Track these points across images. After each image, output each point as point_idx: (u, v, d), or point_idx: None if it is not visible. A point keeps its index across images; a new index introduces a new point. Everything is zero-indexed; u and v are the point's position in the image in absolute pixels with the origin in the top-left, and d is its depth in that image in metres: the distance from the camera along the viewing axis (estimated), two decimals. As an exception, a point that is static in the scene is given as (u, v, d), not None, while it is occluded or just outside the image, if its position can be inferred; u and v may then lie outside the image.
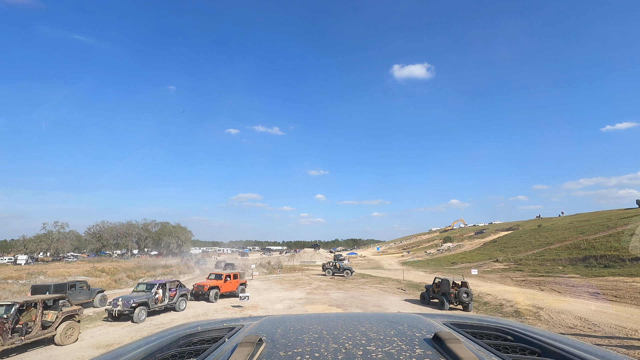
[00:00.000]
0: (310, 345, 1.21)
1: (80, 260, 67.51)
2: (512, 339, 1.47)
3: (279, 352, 1.16)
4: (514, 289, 22.58)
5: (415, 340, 1.25)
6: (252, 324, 1.61)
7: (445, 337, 1.15)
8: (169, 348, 1.43)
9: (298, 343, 1.25)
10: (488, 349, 1.25)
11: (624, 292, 18.54)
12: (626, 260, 27.41)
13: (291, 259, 65.27)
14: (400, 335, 1.32)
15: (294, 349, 1.19)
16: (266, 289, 25.54)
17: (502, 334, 1.53)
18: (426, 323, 1.54)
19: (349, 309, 16.81)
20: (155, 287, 15.60)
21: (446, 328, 1.48)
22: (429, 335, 1.29)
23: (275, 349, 1.18)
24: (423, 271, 41.48)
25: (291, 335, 1.37)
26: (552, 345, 1.29)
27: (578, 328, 12.60)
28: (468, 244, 66.79)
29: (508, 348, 1.35)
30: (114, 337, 11.91)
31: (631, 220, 40.63)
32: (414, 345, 1.18)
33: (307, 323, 1.59)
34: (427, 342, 1.22)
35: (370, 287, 26.54)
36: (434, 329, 1.36)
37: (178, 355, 1.35)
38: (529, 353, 1.31)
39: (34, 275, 35.97)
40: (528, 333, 1.47)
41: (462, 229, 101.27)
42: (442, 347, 1.12)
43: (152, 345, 1.43)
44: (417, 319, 1.64)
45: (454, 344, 1.09)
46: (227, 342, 1.36)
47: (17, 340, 9.65)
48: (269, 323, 1.61)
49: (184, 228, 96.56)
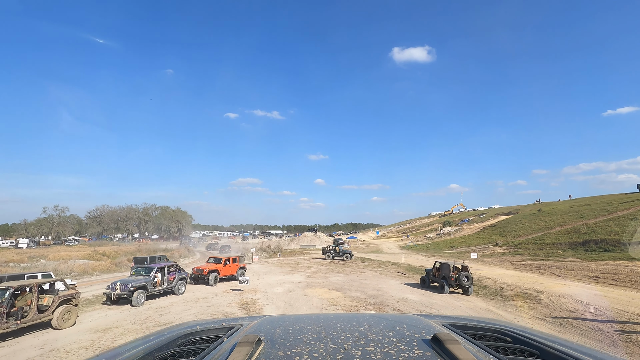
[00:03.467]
0: (309, 346, 1.21)
1: (81, 243, 67.94)
2: (510, 340, 1.46)
3: (278, 352, 1.16)
4: (513, 273, 22.58)
5: (414, 341, 1.25)
6: (250, 324, 1.61)
7: (444, 338, 1.16)
8: (167, 347, 1.42)
9: (297, 343, 1.25)
10: (487, 350, 1.25)
11: (625, 276, 18.49)
12: (626, 244, 27.36)
13: (291, 243, 65.61)
14: (399, 336, 1.32)
15: (292, 349, 1.19)
16: (266, 273, 25.59)
17: (500, 336, 1.52)
18: (425, 324, 1.54)
19: (348, 293, 16.78)
20: (153, 270, 15.50)
21: (445, 329, 1.48)
22: (427, 336, 1.28)
23: (274, 349, 1.18)
24: (422, 255, 41.65)
25: (290, 335, 1.37)
26: (551, 347, 1.28)
27: (579, 312, 12.53)
28: (467, 228, 66.98)
29: (507, 349, 1.34)
30: (113, 320, 11.84)
31: (632, 204, 40.53)
32: (412, 346, 1.18)
33: (306, 323, 1.59)
34: (425, 343, 1.22)
35: (369, 271, 26.60)
36: (432, 330, 1.36)
37: (177, 354, 1.34)
38: (528, 355, 1.30)
39: (36, 259, 36.14)
40: (527, 335, 1.46)
41: (462, 214, 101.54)
42: (441, 348, 1.12)
43: (151, 344, 1.43)
44: (416, 320, 1.64)
45: (452, 345, 1.09)
46: (225, 342, 1.37)
47: (13, 325, 9.54)
48: (267, 323, 1.61)
49: (184, 212, 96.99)
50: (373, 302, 14.60)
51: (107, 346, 9.04)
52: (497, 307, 13.91)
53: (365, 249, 57.03)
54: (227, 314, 12.44)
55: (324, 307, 13.58)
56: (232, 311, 12.98)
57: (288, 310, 13.10)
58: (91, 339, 9.77)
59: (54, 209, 78.97)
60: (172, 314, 12.62)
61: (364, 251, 50.96)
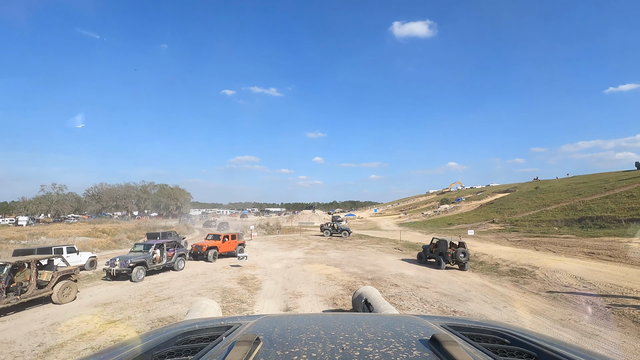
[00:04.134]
0: (307, 345, 1.22)
1: (80, 221, 68.24)
2: (508, 342, 1.46)
3: (276, 351, 1.16)
4: (509, 249, 22.88)
5: (412, 341, 1.25)
6: (249, 323, 1.61)
7: (442, 339, 1.16)
8: (166, 346, 1.42)
9: (295, 343, 1.26)
10: (485, 351, 1.26)
11: (619, 252, 18.73)
12: (622, 221, 27.63)
13: (290, 220, 66.13)
14: (398, 336, 1.32)
15: (291, 348, 1.19)
16: (265, 249, 25.84)
17: (499, 337, 1.51)
18: (424, 325, 1.54)
19: (346, 268, 16.98)
20: (152, 247, 15.57)
21: (444, 330, 1.47)
22: (426, 337, 1.28)
23: (272, 349, 1.19)
24: (420, 232, 42.10)
25: (288, 335, 1.37)
26: (549, 349, 1.29)
27: (573, 287, 12.72)
28: (465, 206, 67.47)
29: (505, 351, 1.34)
30: (113, 295, 11.96)
31: (630, 182, 40.63)
32: (411, 347, 1.18)
33: (304, 323, 1.59)
34: (424, 343, 1.22)
35: (367, 247, 26.90)
36: (431, 331, 1.35)
37: (175, 352, 1.35)
38: (526, 356, 1.30)
39: (36, 236, 36.36)
40: (525, 336, 1.46)
41: (460, 191, 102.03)
42: (439, 349, 1.12)
43: (149, 342, 1.44)
44: (414, 321, 1.65)
45: (451, 346, 1.09)
46: (224, 341, 1.37)
47: (13, 300, 9.61)
48: (266, 322, 1.62)
49: (182, 190, 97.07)
50: (370, 277, 14.79)
51: (108, 320, 9.15)
52: (493, 282, 14.12)
53: (363, 226, 57.58)
54: (226, 289, 12.58)
55: (322, 282, 13.75)
56: (232, 286, 13.13)
57: (286, 285, 13.26)
58: (92, 313, 9.87)
59: (52, 186, 78.90)
60: (171, 289, 12.75)
61: (362, 228, 51.46)
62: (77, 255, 17.61)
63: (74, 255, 17.39)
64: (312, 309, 10.12)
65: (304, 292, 12.25)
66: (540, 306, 10.56)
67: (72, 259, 16.81)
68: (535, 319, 9.32)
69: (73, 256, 17.17)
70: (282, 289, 12.72)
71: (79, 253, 17.84)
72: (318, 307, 10.33)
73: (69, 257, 16.56)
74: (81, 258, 17.69)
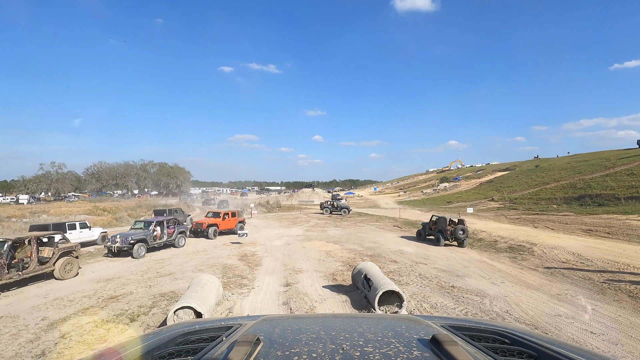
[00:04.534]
0: (307, 346, 1.22)
1: (81, 200, 68.56)
2: (509, 342, 1.46)
3: (277, 352, 1.16)
4: (508, 226, 23.02)
5: (412, 342, 1.25)
6: (249, 324, 1.61)
7: (442, 339, 1.16)
8: (166, 346, 1.42)
9: (295, 343, 1.26)
10: (485, 351, 1.26)
11: (617, 229, 18.84)
12: (621, 199, 27.69)
13: (290, 199, 66.38)
14: (398, 336, 1.32)
15: (291, 349, 1.19)
16: (265, 227, 26.02)
17: (499, 337, 1.51)
18: (424, 325, 1.53)
19: (346, 245, 17.11)
20: (152, 224, 15.61)
21: (444, 330, 1.47)
22: (426, 337, 1.28)
23: (273, 349, 1.19)
24: (419, 210, 42.33)
25: (289, 335, 1.37)
26: (549, 348, 1.29)
27: (571, 263, 12.84)
28: (464, 184, 67.58)
29: (505, 351, 1.34)
30: (115, 271, 12.07)
31: (631, 160, 40.45)
32: (411, 347, 1.19)
33: (304, 323, 1.60)
34: (424, 344, 1.22)
35: (367, 225, 27.08)
36: (431, 331, 1.35)
37: (175, 353, 1.34)
38: (527, 357, 1.30)
39: (37, 214, 36.59)
40: (525, 336, 1.46)
41: (460, 170, 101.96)
42: (440, 350, 1.12)
43: (149, 343, 1.44)
44: (415, 321, 1.65)
45: (451, 347, 1.09)
46: (224, 341, 1.37)
47: (15, 275, 9.69)
48: (266, 323, 1.62)
49: (182, 168, 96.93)
50: (370, 254, 14.92)
51: (110, 295, 9.25)
52: (491, 259, 14.26)
53: (362, 204, 57.85)
54: (227, 266, 12.70)
55: (322, 259, 13.88)
56: (232, 263, 13.25)
57: (286, 262, 13.39)
58: (94, 288, 9.98)
59: (51, 165, 78.74)
60: (172, 265, 12.87)
61: (361, 206, 51.73)
62: (89, 231, 18.30)
63: (86, 230, 18.11)
64: (312, 284, 10.23)
65: (304, 268, 12.37)
66: (538, 281, 10.68)
67: (85, 234, 17.81)
68: (532, 293, 9.43)
69: (85, 231, 17.96)
70: (282, 265, 12.85)
71: (90, 228, 18.53)
72: (318, 282, 10.44)
73: (82, 232, 17.65)
74: (93, 233, 18.44)
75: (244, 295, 9.22)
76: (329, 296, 9.09)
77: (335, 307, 8.22)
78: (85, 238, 17.78)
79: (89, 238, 18.08)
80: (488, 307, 8.20)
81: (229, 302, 8.42)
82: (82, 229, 17.86)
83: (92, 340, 6.49)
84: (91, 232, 18.37)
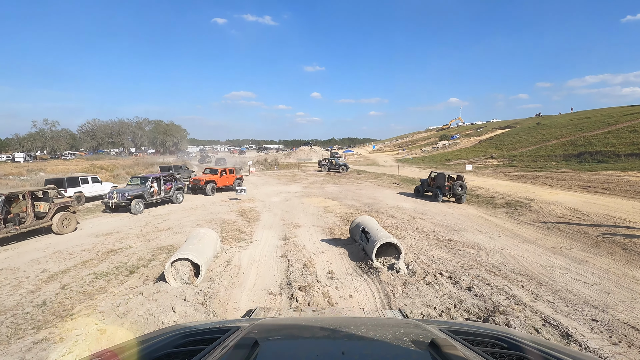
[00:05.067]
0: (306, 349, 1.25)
1: (78, 158, 68.04)
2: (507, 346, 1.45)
3: (274, 354, 1.19)
4: (506, 183, 23.06)
5: (411, 345, 1.25)
6: (247, 326, 1.60)
7: (441, 343, 1.16)
8: (164, 348, 1.42)
9: (294, 346, 1.28)
10: (484, 356, 1.26)
11: (615, 185, 18.88)
12: (621, 156, 27.53)
13: (288, 157, 66.02)
14: (397, 340, 1.32)
15: (289, 352, 1.22)
16: (263, 184, 26.00)
17: (498, 342, 1.50)
18: (423, 329, 1.55)
19: (344, 201, 17.16)
20: (149, 180, 15.46)
21: (443, 334, 1.47)
22: (425, 341, 1.27)
23: (271, 352, 1.21)
24: (417, 167, 42.29)
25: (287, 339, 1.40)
26: (548, 354, 1.29)
27: (567, 217, 12.94)
28: (464, 142, 67.03)
29: (504, 356, 1.34)
30: (113, 226, 12.11)
31: (634, 117, 39.70)
32: (410, 351, 1.20)
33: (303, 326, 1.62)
34: (423, 348, 1.22)
35: (365, 182, 27.10)
36: (430, 335, 1.35)
37: (173, 355, 1.34)
38: None
39: (34, 172, 36.34)
40: (524, 341, 1.46)
41: (460, 127, 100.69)
42: (439, 354, 1.12)
43: (147, 345, 1.44)
44: (414, 325, 1.66)
45: (450, 351, 1.10)
46: (222, 344, 1.36)
47: (12, 230, 9.68)
48: (264, 326, 1.63)
49: (178, 126, 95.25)
50: (368, 209, 14.98)
51: (109, 249, 9.31)
52: (488, 214, 14.36)
53: (361, 162, 57.69)
54: (225, 221, 12.75)
55: (320, 214, 13.94)
56: (231, 218, 13.30)
57: (285, 217, 13.44)
58: (93, 242, 10.03)
59: (44, 122, 77.04)
60: (171, 221, 12.91)
61: (360, 164, 51.60)
62: (101, 185, 19.09)
63: (98, 185, 18.93)
64: (310, 238, 10.31)
65: (302, 223, 12.43)
66: (534, 235, 10.79)
67: (97, 188, 18.68)
68: (527, 246, 9.55)
69: (97, 186, 18.82)
70: (280, 220, 12.91)
71: (102, 183, 19.31)
72: (316, 236, 10.51)
73: (94, 187, 18.58)
74: (104, 188, 19.06)
75: (243, 248, 9.29)
76: (326, 249, 9.17)
77: (333, 259, 8.31)
78: (97, 192, 18.60)
79: (101, 192, 18.72)
80: (484, 259, 8.30)
81: (227, 254, 8.48)
82: (94, 183, 18.69)
83: (92, 290, 6.57)
84: (103, 186, 19.08)
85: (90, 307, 5.74)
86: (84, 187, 17.81)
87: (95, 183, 18.72)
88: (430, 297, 5.97)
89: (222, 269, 7.37)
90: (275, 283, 6.88)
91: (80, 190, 17.51)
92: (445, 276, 6.91)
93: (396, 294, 6.06)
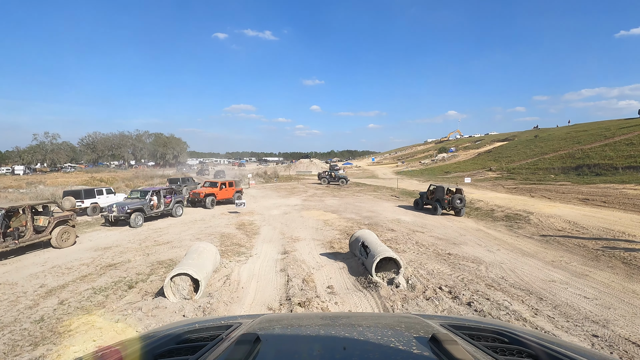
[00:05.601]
0: (307, 344, 1.24)
1: (78, 170, 68.17)
2: (508, 341, 1.46)
3: (276, 350, 1.19)
4: (505, 196, 23.10)
5: (412, 340, 1.26)
6: (249, 322, 1.62)
7: (442, 338, 1.16)
8: (166, 345, 1.43)
9: (295, 342, 1.29)
10: (485, 350, 1.27)
11: (613, 198, 18.92)
12: (619, 169, 27.67)
13: (287, 169, 66.21)
14: (398, 335, 1.32)
15: (291, 347, 1.23)
16: (263, 197, 26.02)
17: (499, 336, 1.51)
18: (424, 324, 1.55)
19: (343, 214, 17.17)
20: (149, 193, 15.50)
21: (443, 329, 1.48)
22: (426, 336, 1.28)
23: (272, 348, 1.21)
24: (417, 180, 42.37)
25: (288, 334, 1.40)
26: (549, 348, 1.29)
27: (566, 230, 12.95)
28: (462, 154, 67.36)
29: (505, 350, 1.34)
30: (112, 240, 12.09)
31: (631, 129, 40.09)
32: (411, 346, 1.19)
33: (304, 322, 1.63)
34: (424, 343, 1.23)
35: (364, 195, 27.13)
36: (431, 330, 1.36)
37: (175, 351, 1.35)
38: (526, 356, 1.30)
39: (34, 185, 36.39)
40: (525, 336, 1.46)
41: (458, 140, 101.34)
42: (439, 348, 1.12)
43: (149, 341, 1.44)
44: (414, 320, 1.66)
45: (451, 345, 1.10)
46: (224, 340, 1.37)
47: (11, 244, 9.67)
48: (266, 321, 1.63)
49: (178, 139, 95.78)
50: (367, 222, 14.98)
51: (108, 263, 9.28)
52: (487, 227, 14.36)
53: (360, 174, 57.83)
54: (224, 234, 12.73)
55: (319, 228, 13.93)
56: (230, 231, 13.28)
57: (284, 230, 13.43)
58: (92, 257, 10.00)
59: (45, 135, 77.49)
60: (170, 234, 12.89)
61: (359, 177, 51.72)
62: (115, 196, 19.96)
63: (112, 196, 19.87)
64: (309, 252, 10.29)
65: (302, 236, 12.42)
66: (533, 249, 10.79)
67: (110, 199, 19.29)
68: (527, 260, 9.53)
69: (111, 197, 19.69)
70: (280, 234, 12.89)
71: (115, 194, 20.32)
72: (315, 250, 10.50)
73: (108, 198, 19.45)
74: (117, 198, 19.70)
75: (242, 262, 9.27)
76: (326, 263, 9.15)
77: (333, 274, 8.29)
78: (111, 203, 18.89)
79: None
80: (484, 273, 8.29)
81: (226, 269, 8.46)
82: (109, 194, 19.71)
83: (90, 306, 6.53)
84: (116, 197, 19.93)
85: (88, 324, 5.71)
86: (99, 198, 18.88)
87: (109, 194, 19.71)
88: (430, 312, 5.94)
89: (221, 283, 7.35)
90: (274, 298, 6.85)
91: (96, 201, 18.37)
92: (445, 291, 6.90)
93: (396, 310, 6.04)
